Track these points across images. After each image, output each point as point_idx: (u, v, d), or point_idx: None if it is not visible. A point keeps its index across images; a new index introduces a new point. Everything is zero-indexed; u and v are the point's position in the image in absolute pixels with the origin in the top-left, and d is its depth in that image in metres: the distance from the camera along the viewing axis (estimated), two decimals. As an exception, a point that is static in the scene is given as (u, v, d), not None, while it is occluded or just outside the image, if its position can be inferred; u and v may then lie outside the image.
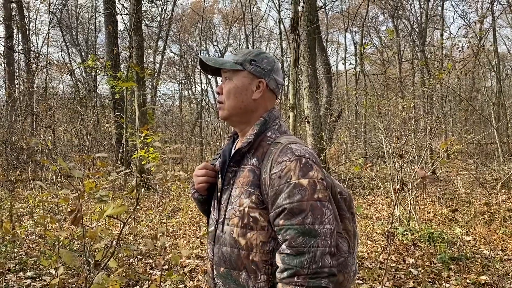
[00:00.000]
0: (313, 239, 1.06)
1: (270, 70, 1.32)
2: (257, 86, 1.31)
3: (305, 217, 1.07)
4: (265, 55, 1.35)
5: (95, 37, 25.40)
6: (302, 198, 1.08)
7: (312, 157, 1.15)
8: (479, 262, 4.34)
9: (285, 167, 1.12)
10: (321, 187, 1.11)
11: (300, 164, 1.12)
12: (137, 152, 2.95)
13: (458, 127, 12.22)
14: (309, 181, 1.10)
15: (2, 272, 4.12)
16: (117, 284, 1.97)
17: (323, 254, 1.06)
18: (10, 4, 17.87)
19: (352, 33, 28.21)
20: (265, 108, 1.33)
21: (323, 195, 1.11)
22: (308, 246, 1.06)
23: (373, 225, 5.97)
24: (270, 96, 1.34)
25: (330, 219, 1.10)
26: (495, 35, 17.35)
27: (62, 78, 23.04)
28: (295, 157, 1.13)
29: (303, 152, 1.15)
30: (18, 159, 11.09)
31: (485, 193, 8.20)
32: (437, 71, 8.72)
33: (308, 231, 1.06)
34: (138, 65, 9.63)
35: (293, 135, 1.31)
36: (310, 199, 1.08)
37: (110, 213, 1.73)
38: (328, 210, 1.10)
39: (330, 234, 1.08)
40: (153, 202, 8.43)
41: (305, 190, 1.09)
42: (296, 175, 1.11)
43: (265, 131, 1.27)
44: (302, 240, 1.06)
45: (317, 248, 1.05)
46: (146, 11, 18.14)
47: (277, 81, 1.34)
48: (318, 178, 1.12)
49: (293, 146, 1.17)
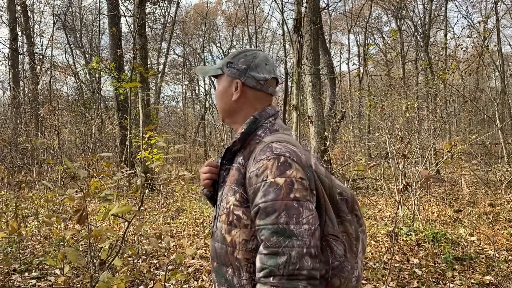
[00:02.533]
0: (288, 239, 1.03)
1: (245, 69, 1.32)
2: (235, 87, 1.33)
3: (279, 216, 1.05)
4: (244, 53, 1.35)
5: (99, 39, 25.49)
6: (276, 197, 1.07)
7: (293, 156, 1.13)
8: (484, 262, 4.33)
9: (262, 165, 1.12)
10: (299, 186, 1.08)
11: (277, 162, 1.11)
12: (141, 153, 2.96)
13: (462, 128, 12.19)
14: (285, 180, 1.08)
15: (7, 272, 4.15)
16: (122, 283, 1.99)
17: (301, 255, 1.03)
18: (14, 7, 17.97)
19: (356, 34, 28.16)
20: (253, 107, 1.33)
21: (301, 194, 1.08)
22: (283, 247, 1.03)
23: (377, 226, 5.96)
24: (256, 94, 1.33)
25: (309, 219, 1.07)
26: (499, 35, 17.30)
27: (67, 80, 23.18)
28: (273, 156, 1.12)
29: (282, 151, 1.13)
30: (23, 160, 11.15)
31: (489, 193, 8.17)
32: (440, 71, 8.71)
33: (282, 231, 1.04)
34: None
35: (285, 134, 1.28)
36: (285, 198, 1.06)
37: (115, 212, 1.75)
38: (307, 210, 1.07)
39: (308, 235, 1.05)
40: (157, 203, 8.45)
41: (280, 189, 1.07)
42: (272, 173, 1.09)
43: (256, 129, 1.28)
44: (276, 240, 1.04)
45: (292, 249, 1.03)
46: (149, 13, 18.23)
47: (256, 77, 1.31)
48: (297, 177, 1.09)
49: (274, 144, 1.16)
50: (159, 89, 24.04)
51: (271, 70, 1.34)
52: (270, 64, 1.35)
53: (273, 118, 1.31)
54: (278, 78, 1.39)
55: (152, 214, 7.19)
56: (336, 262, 1.16)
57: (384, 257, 4.50)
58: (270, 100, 1.36)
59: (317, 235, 1.08)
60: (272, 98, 1.38)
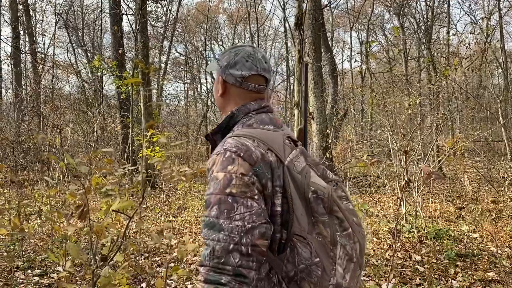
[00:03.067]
0: (215, 233, 1.05)
1: (226, 66, 1.33)
2: (220, 84, 1.36)
3: (211, 209, 1.08)
4: (229, 50, 1.36)
5: (101, 37, 25.51)
6: (213, 191, 1.09)
7: (240, 151, 1.12)
8: (486, 259, 4.32)
9: (212, 160, 1.16)
10: (237, 182, 1.08)
11: (222, 157, 1.13)
12: (143, 150, 2.96)
13: (465, 125, 12.15)
14: (225, 175, 1.09)
15: (10, 269, 4.16)
16: (123, 279, 1.99)
17: (226, 250, 1.03)
18: (16, 6, 18.01)
19: (358, 32, 28.11)
20: (236, 103, 1.33)
21: (239, 190, 1.07)
22: (210, 239, 1.05)
23: (379, 223, 5.95)
24: (237, 91, 1.33)
25: (244, 216, 1.05)
26: (502, 32, 17.20)
27: (69, 79, 23.21)
28: (221, 150, 1.14)
29: (231, 145, 1.14)
30: (26, 159, 11.18)
31: (492, 190, 8.15)
32: (443, 67, 8.68)
33: (212, 224, 1.06)
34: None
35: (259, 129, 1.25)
36: (220, 193, 1.08)
37: (116, 207, 1.75)
38: (243, 206, 1.06)
39: (240, 232, 1.04)
40: (159, 201, 8.46)
41: (218, 183, 1.09)
42: (216, 168, 1.12)
43: (234, 125, 1.30)
44: (206, 232, 1.07)
45: (217, 243, 1.04)
46: (151, 11, 18.22)
47: (233, 74, 1.31)
48: (237, 172, 1.09)
49: (228, 139, 1.18)
50: (161, 88, 24.04)
51: (253, 67, 1.31)
52: (253, 60, 1.32)
53: (254, 113, 1.30)
54: (264, 74, 1.34)
55: (154, 212, 7.21)
56: (302, 265, 1.10)
57: (386, 254, 4.50)
58: (256, 96, 1.34)
59: (256, 233, 1.06)
60: (262, 94, 1.36)
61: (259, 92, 1.34)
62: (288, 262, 1.11)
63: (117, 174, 2.08)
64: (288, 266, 1.11)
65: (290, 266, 1.11)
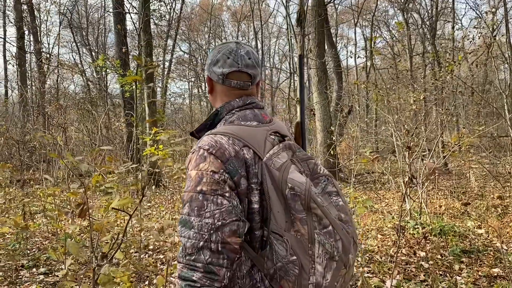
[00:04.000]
0: (187, 230, 1.06)
1: (210, 64, 1.34)
2: (207, 81, 1.38)
3: (184, 207, 1.09)
4: (215, 48, 1.36)
5: (105, 37, 25.61)
6: (186, 189, 1.11)
7: (213, 149, 1.12)
8: (492, 255, 4.29)
9: (188, 158, 1.17)
10: (208, 180, 1.08)
11: (197, 155, 1.14)
12: (147, 149, 2.96)
13: (470, 120, 12.07)
14: (197, 173, 1.10)
15: (16, 268, 4.19)
16: (124, 276, 1.99)
17: (196, 248, 1.03)
18: (21, 6, 18.09)
19: (362, 28, 27.97)
20: (221, 100, 1.34)
21: (209, 188, 1.07)
22: (182, 236, 1.07)
23: (384, 219, 5.93)
24: (221, 88, 1.33)
25: (214, 213, 1.05)
26: (508, 26, 17.03)
27: (74, 78, 23.31)
28: (197, 149, 1.16)
29: (205, 143, 1.15)
30: (31, 158, 11.24)
31: (498, 186, 8.09)
32: (447, 62, 8.62)
33: (184, 222, 1.07)
34: (147, 62, 9.68)
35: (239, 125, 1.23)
36: (192, 191, 1.09)
37: (115, 205, 1.75)
38: (213, 204, 1.06)
39: (209, 229, 1.04)
40: (164, 199, 8.48)
41: (191, 181, 1.10)
42: (191, 165, 1.14)
43: (219, 122, 1.30)
44: (179, 229, 1.09)
45: (188, 240, 1.05)
46: (154, 10, 18.23)
47: (215, 72, 1.31)
48: (208, 170, 1.09)
49: (204, 137, 1.19)
50: (166, 86, 24.07)
51: (233, 64, 1.29)
52: (235, 57, 1.29)
53: (237, 110, 1.29)
54: (246, 70, 1.30)
55: (159, 210, 7.23)
56: (279, 263, 1.09)
57: (391, 251, 4.48)
58: (240, 93, 1.32)
59: (227, 231, 1.05)
60: (247, 90, 1.33)
61: (243, 88, 1.32)
62: (268, 259, 1.11)
63: (118, 172, 2.08)
64: (268, 264, 1.11)
65: (270, 264, 1.11)
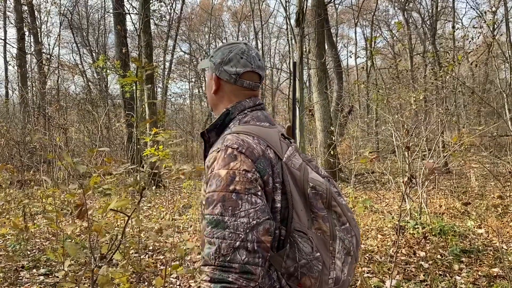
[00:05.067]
0: (220, 230, 1.04)
1: (220, 63, 1.32)
2: (214, 81, 1.35)
3: (215, 207, 1.06)
4: (223, 48, 1.35)
5: (105, 37, 25.61)
6: (215, 188, 1.08)
7: (242, 148, 1.12)
8: (491, 254, 4.29)
9: (212, 157, 1.15)
10: (241, 179, 1.07)
11: (224, 154, 1.11)
12: (147, 149, 2.96)
13: (470, 120, 12.06)
14: (227, 172, 1.08)
15: (16, 269, 4.20)
16: (123, 277, 1.99)
17: (233, 248, 1.02)
18: (21, 7, 18.10)
19: (363, 28, 27.97)
20: (230, 100, 1.33)
21: (242, 187, 1.06)
22: (215, 237, 1.04)
23: (384, 219, 5.93)
24: (232, 88, 1.33)
25: (249, 212, 1.05)
26: (508, 25, 17.02)
27: (74, 79, 23.33)
28: (222, 147, 1.13)
29: (232, 142, 1.13)
30: (31, 159, 11.25)
31: (499, 186, 8.08)
32: (447, 62, 8.61)
33: (216, 222, 1.05)
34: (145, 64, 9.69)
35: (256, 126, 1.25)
36: (223, 190, 1.06)
37: (113, 206, 1.75)
38: (247, 203, 1.06)
39: (245, 228, 1.04)
40: (164, 200, 8.49)
41: (221, 180, 1.07)
42: (218, 165, 1.11)
43: (230, 122, 1.29)
44: (210, 230, 1.05)
45: (223, 241, 1.03)
46: (155, 10, 18.24)
47: (228, 71, 1.31)
48: (240, 169, 1.08)
49: (227, 136, 1.17)
50: (166, 87, 24.10)
51: (247, 64, 1.31)
52: (247, 57, 1.32)
53: (249, 110, 1.30)
54: (258, 71, 1.34)
55: (159, 211, 7.23)
56: (303, 260, 1.12)
57: (391, 251, 4.48)
58: (250, 93, 1.34)
59: (261, 230, 1.06)
60: (256, 91, 1.36)
61: (253, 89, 1.34)
62: (288, 258, 1.12)
63: (116, 173, 2.08)
64: (288, 262, 1.12)
65: (290, 262, 1.12)
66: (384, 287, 3.57)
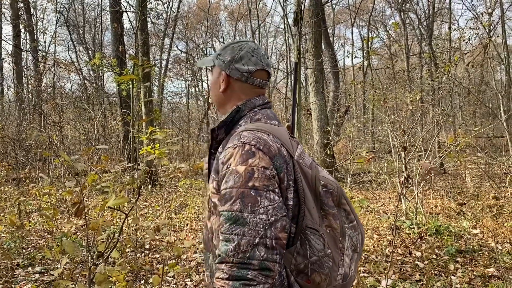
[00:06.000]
0: (240, 227, 1.03)
1: (230, 61, 1.32)
2: (222, 79, 1.33)
3: (233, 203, 1.05)
4: (232, 45, 1.35)
5: (102, 35, 25.52)
6: (234, 185, 1.07)
7: (259, 145, 1.12)
8: (486, 255, 4.31)
9: (228, 153, 1.13)
10: (259, 176, 1.07)
11: (241, 150, 1.11)
12: (143, 148, 2.96)
13: (466, 121, 12.11)
14: (246, 168, 1.07)
15: (11, 267, 4.18)
16: (120, 275, 1.99)
17: (252, 245, 1.02)
18: (17, 4, 18.00)
19: (359, 28, 28.05)
20: (239, 98, 1.32)
21: (261, 183, 1.06)
22: (233, 234, 1.03)
23: (380, 219, 5.94)
24: (243, 86, 1.32)
25: (268, 209, 1.05)
26: (504, 27, 17.14)
27: (70, 77, 23.23)
28: (239, 144, 1.13)
29: (249, 139, 1.13)
30: (27, 157, 11.20)
31: (494, 186, 8.13)
32: (443, 63, 8.65)
33: (235, 219, 1.04)
34: (143, 62, 9.67)
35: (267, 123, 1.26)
36: (242, 186, 1.06)
37: (111, 204, 1.75)
38: (266, 200, 1.06)
39: (264, 225, 1.03)
40: (160, 198, 8.47)
41: (239, 177, 1.07)
42: (235, 161, 1.10)
43: (240, 119, 1.29)
44: (228, 227, 1.05)
45: (243, 237, 1.02)
46: (152, 8, 18.18)
47: (239, 69, 1.30)
48: (259, 166, 1.08)
49: (243, 133, 1.17)
50: (162, 85, 24.03)
51: (258, 62, 1.32)
52: (258, 55, 1.32)
53: (259, 108, 1.31)
54: (268, 69, 1.35)
55: (155, 209, 7.22)
56: (314, 257, 1.13)
57: (386, 250, 4.49)
58: (259, 91, 1.35)
59: (279, 226, 1.06)
60: (264, 89, 1.37)
61: (262, 87, 1.35)
62: (299, 255, 1.13)
63: (113, 171, 2.08)
64: (298, 259, 1.13)
65: (301, 259, 1.13)
66: (380, 286, 3.58)
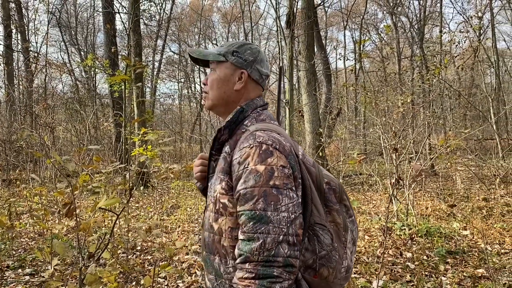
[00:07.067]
0: (264, 225, 1.04)
1: (252, 61, 1.33)
2: (239, 77, 1.32)
3: (256, 202, 1.06)
4: (249, 46, 1.36)
5: (94, 36, 25.37)
6: (255, 184, 1.08)
7: (276, 144, 1.13)
8: (476, 255, 4.36)
9: (245, 153, 1.13)
10: (279, 174, 1.09)
11: (259, 150, 1.12)
12: (136, 149, 2.95)
13: (456, 123, 12.23)
14: (266, 167, 1.09)
15: (1, 269, 4.14)
16: (111, 276, 1.99)
17: (277, 242, 1.03)
18: (8, 4, 17.86)
19: (352, 31, 28.20)
20: (247, 98, 1.34)
21: (281, 182, 1.08)
22: (258, 232, 1.04)
23: (371, 221, 5.98)
24: (254, 87, 1.35)
25: (289, 207, 1.07)
26: (494, 31, 17.31)
27: (62, 78, 23.05)
28: (255, 143, 1.13)
29: (265, 138, 1.14)
30: (18, 158, 11.10)
31: (484, 188, 8.21)
32: (433, 65, 8.73)
33: (259, 217, 1.05)
34: (135, 63, 9.64)
35: (272, 124, 1.28)
36: (264, 185, 1.07)
37: (102, 204, 1.75)
38: (286, 198, 1.08)
39: (287, 222, 1.05)
40: (152, 200, 8.45)
41: (260, 176, 1.08)
42: (253, 161, 1.10)
43: (243, 119, 1.29)
44: (252, 225, 1.05)
45: (268, 235, 1.03)
46: (144, 10, 18.13)
47: (260, 71, 1.34)
48: (278, 165, 1.10)
49: (258, 133, 1.17)
50: (155, 87, 23.95)
51: (268, 66, 1.39)
52: (266, 60, 1.39)
53: (261, 109, 1.33)
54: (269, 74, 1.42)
55: (147, 211, 7.19)
56: (323, 252, 1.16)
57: (377, 252, 4.52)
58: (260, 93, 1.38)
59: (297, 223, 1.08)
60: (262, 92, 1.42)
61: (262, 90, 1.40)
62: (307, 251, 1.15)
63: (105, 172, 2.07)
64: (307, 255, 1.15)
65: (309, 255, 1.15)
66: (371, 287, 3.61)
